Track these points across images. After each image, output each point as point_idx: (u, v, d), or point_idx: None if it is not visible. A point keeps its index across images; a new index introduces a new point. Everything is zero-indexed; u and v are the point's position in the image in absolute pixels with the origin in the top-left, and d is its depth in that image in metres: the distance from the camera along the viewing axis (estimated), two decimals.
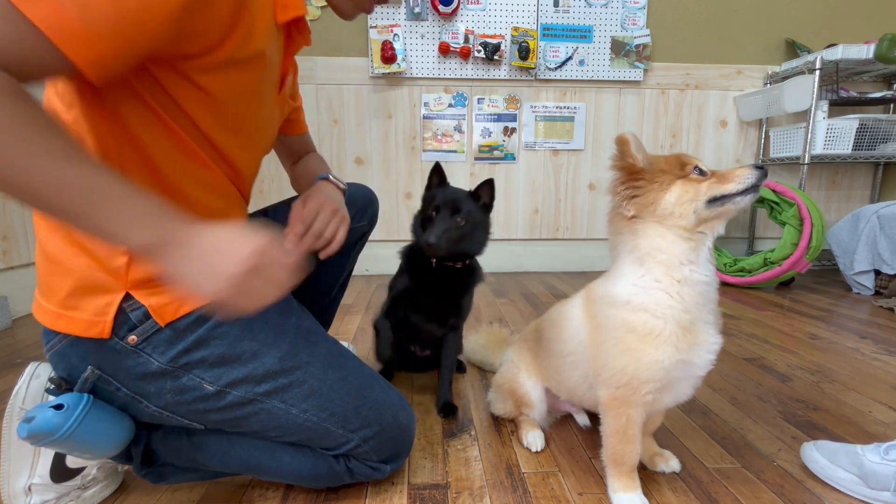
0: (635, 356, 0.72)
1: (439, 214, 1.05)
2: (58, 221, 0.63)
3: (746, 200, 0.72)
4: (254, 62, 0.65)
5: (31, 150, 0.47)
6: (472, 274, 1.15)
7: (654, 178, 0.74)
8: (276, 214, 1.05)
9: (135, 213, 0.52)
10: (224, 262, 0.53)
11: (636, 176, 0.74)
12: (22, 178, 0.47)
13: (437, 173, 1.13)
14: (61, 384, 0.71)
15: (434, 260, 1.09)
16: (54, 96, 0.63)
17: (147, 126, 0.63)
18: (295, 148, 1.11)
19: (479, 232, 1.09)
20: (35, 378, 0.77)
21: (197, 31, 0.56)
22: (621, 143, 0.75)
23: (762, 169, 0.72)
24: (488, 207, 1.11)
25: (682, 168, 0.74)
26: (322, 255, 0.90)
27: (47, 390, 0.73)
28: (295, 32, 0.77)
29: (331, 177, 0.98)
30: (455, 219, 1.04)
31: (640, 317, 0.72)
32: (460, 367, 1.35)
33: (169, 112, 0.63)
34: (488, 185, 1.09)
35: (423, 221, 1.09)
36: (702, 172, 0.73)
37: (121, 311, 0.66)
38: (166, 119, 0.63)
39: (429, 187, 1.14)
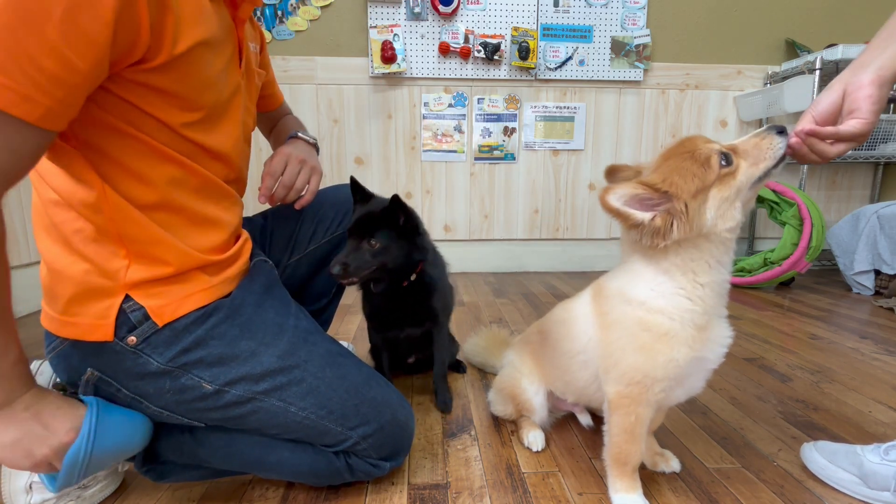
0: (650, 355, 0.70)
1: (349, 241, 0.95)
2: None
3: (779, 170, 0.68)
4: (195, 52, 0.63)
5: None
6: (422, 289, 1.06)
7: (688, 209, 0.65)
8: (276, 219, 1.05)
9: None
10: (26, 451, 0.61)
11: (664, 227, 0.65)
12: None
13: (355, 189, 1.00)
14: (65, 389, 0.71)
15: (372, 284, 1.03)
16: (37, 179, 0.66)
17: (118, 144, 0.63)
18: (272, 118, 1.13)
19: (398, 254, 0.97)
20: (38, 376, 0.77)
21: (127, 49, 0.56)
22: (613, 214, 0.65)
23: (783, 132, 0.67)
24: (410, 225, 0.98)
25: (706, 167, 0.65)
26: (297, 206, 0.93)
27: None
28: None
29: (300, 133, 0.99)
30: (368, 242, 0.94)
31: (656, 318, 0.70)
32: (460, 368, 1.35)
33: (135, 123, 0.62)
34: (395, 204, 0.94)
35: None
36: (727, 160, 0.65)
37: (121, 312, 0.67)
38: (134, 132, 0.63)
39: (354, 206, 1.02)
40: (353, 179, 1.01)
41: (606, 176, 0.79)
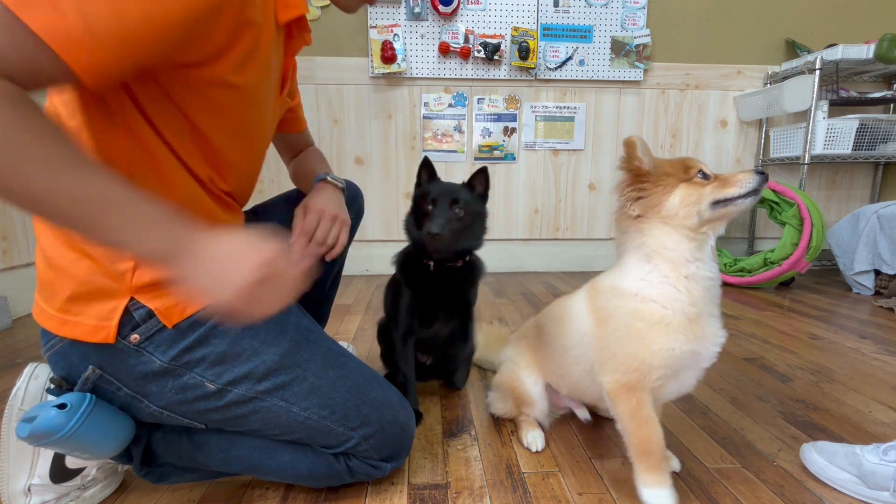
0: (646, 343, 0.74)
1: (437, 206, 1.01)
2: (65, 230, 0.63)
3: (747, 203, 0.75)
4: (252, 75, 0.66)
5: (35, 159, 0.46)
6: (473, 270, 1.12)
7: (659, 180, 0.76)
8: (268, 214, 1.06)
9: (143, 222, 0.51)
10: (234, 271, 0.53)
11: (642, 178, 0.77)
12: (27, 188, 0.47)
13: (427, 168, 1.08)
14: (62, 384, 0.71)
15: (432, 263, 1.06)
16: (60, 104, 0.63)
17: (139, 148, 0.63)
18: (294, 144, 1.13)
19: (477, 224, 1.06)
20: (34, 379, 0.76)
21: (194, 46, 0.57)
22: (629, 145, 0.77)
23: (763, 174, 0.75)
24: (484, 197, 1.09)
25: (686, 172, 0.76)
26: (328, 258, 0.94)
27: (48, 390, 0.72)
28: (295, 31, 0.77)
29: (329, 177, 0.99)
30: (454, 210, 1.01)
31: (648, 306, 0.75)
32: (456, 385, 1.26)
33: (168, 120, 0.63)
34: (482, 175, 1.07)
35: (416, 219, 1.05)
36: (705, 176, 0.76)
37: (124, 311, 0.66)
38: (162, 129, 0.64)
39: (418, 184, 1.09)
40: (426, 159, 1.08)
41: (625, 145, 0.84)
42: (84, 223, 0.50)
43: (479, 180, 1.07)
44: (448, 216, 0.99)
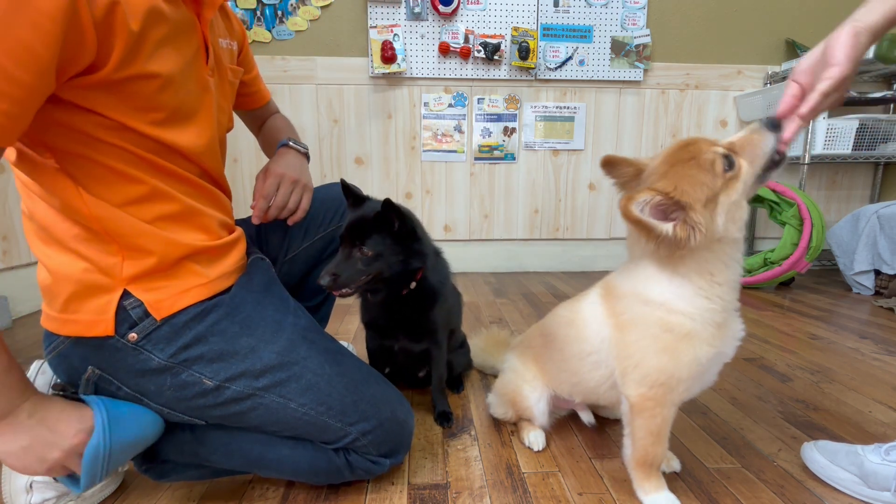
0: (674, 355, 0.70)
1: (340, 248, 0.89)
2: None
3: (780, 168, 0.69)
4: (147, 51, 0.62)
5: None
6: (423, 298, 0.99)
7: (701, 216, 0.64)
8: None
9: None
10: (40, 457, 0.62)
11: (685, 238, 0.64)
12: None
13: (346, 192, 0.95)
14: (66, 389, 0.71)
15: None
16: (21, 188, 0.67)
17: (83, 149, 0.63)
18: (260, 117, 1.13)
19: (393, 261, 0.89)
20: (41, 374, 0.78)
21: (72, 56, 0.55)
22: (638, 225, 0.64)
23: (774, 125, 0.66)
24: (405, 230, 0.90)
25: (712, 172, 0.65)
26: (290, 222, 0.95)
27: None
28: None
29: (291, 142, 0.99)
30: (356, 251, 0.87)
31: (678, 318, 0.70)
32: (458, 387, 1.25)
33: (96, 128, 0.62)
34: (387, 208, 0.86)
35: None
36: (730, 163, 0.65)
37: (121, 309, 0.67)
38: (99, 136, 0.63)
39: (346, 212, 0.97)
40: (343, 182, 0.96)
41: (603, 166, 0.78)
42: None
43: (392, 215, 0.87)
44: (344, 263, 0.87)
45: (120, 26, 0.57)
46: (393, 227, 0.88)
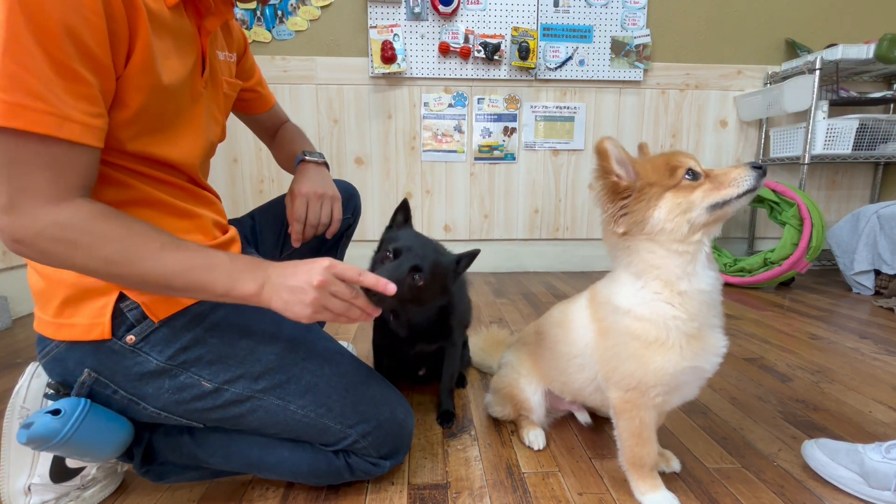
0: (642, 362, 0.72)
1: (396, 259, 0.85)
2: (187, 296, 0.70)
3: (743, 202, 0.69)
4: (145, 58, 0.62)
5: (148, 255, 0.59)
6: (441, 311, 1.00)
7: (642, 193, 0.69)
8: (264, 217, 1.06)
9: (238, 272, 0.64)
10: (299, 288, 0.65)
11: (622, 193, 0.71)
12: (152, 276, 0.60)
13: (404, 211, 0.96)
14: (60, 389, 0.71)
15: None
16: None
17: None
18: (267, 124, 1.13)
19: (432, 295, 0.90)
20: (36, 377, 0.77)
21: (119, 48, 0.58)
22: (601, 154, 0.70)
23: (760, 168, 0.68)
24: (458, 275, 0.95)
25: (672, 174, 0.69)
26: (328, 235, 0.98)
27: (46, 395, 0.73)
28: (203, 10, 0.73)
29: (307, 156, 1.00)
30: (409, 277, 0.83)
31: (642, 326, 0.72)
32: (461, 382, 1.27)
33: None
34: (470, 259, 0.92)
35: (373, 265, 0.91)
36: (695, 176, 0.69)
37: (119, 312, 0.67)
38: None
39: (390, 227, 0.97)
40: (404, 202, 0.97)
41: (597, 153, 0.78)
42: (196, 286, 0.63)
43: (465, 262, 0.92)
44: (400, 276, 0.81)
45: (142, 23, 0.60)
46: (455, 271, 0.93)
